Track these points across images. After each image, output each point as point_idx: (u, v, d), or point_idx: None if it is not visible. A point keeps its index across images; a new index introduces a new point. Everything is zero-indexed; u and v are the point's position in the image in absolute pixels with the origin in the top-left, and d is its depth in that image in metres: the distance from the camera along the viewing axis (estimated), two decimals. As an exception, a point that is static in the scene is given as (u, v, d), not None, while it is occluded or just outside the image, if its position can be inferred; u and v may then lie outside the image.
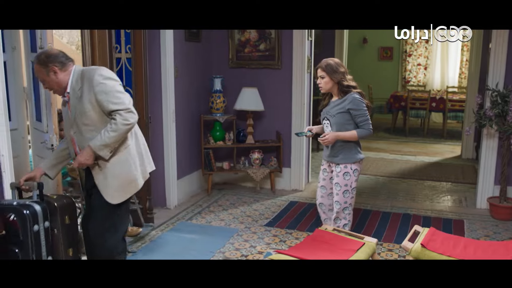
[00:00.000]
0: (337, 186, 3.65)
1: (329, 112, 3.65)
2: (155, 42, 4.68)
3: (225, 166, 5.69)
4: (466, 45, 10.23)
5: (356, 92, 3.60)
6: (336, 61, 3.64)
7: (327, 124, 3.68)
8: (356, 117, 3.56)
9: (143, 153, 3.00)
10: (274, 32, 5.52)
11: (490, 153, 5.05)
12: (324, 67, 3.60)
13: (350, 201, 3.67)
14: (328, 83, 3.61)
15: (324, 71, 3.60)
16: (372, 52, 11.51)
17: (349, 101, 3.55)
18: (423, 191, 5.82)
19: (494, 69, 4.89)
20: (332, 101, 3.69)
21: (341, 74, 3.58)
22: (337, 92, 3.64)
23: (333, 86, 3.63)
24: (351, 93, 3.58)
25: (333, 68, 3.57)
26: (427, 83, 11.29)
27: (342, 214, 3.69)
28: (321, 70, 3.62)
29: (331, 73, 3.57)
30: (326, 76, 3.59)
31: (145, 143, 3.06)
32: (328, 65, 3.59)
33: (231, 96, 5.57)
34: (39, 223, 2.72)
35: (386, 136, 9.60)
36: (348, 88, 3.59)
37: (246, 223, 4.66)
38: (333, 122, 3.61)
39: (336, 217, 3.71)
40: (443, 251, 2.99)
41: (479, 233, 4.46)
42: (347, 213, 3.69)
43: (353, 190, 3.67)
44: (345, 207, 3.67)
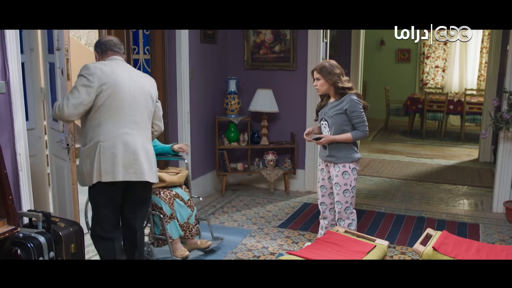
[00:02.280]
0: (337, 186, 3.66)
1: (327, 113, 3.67)
2: (171, 44, 4.73)
3: (239, 167, 5.71)
4: (485, 47, 10.10)
5: (354, 93, 3.61)
6: (332, 63, 3.66)
7: (325, 125, 3.70)
8: (353, 118, 3.57)
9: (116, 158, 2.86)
10: (289, 33, 5.53)
11: (507, 156, 4.99)
12: (319, 69, 3.63)
13: (351, 200, 3.68)
14: (323, 85, 3.63)
15: (319, 73, 3.63)
16: (389, 54, 11.44)
17: (347, 102, 3.56)
18: (439, 194, 5.77)
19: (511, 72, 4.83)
20: (329, 102, 3.71)
21: (336, 76, 3.59)
22: (333, 93, 3.66)
23: (329, 88, 3.64)
24: (348, 95, 3.59)
25: (327, 70, 3.59)
26: (445, 86, 11.17)
27: (345, 214, 3.69)
28: (316, 73, 3.65)
29: (325, 75, 3.59)
30: (321, 78, 3.62)
31: (134, 153, 2.91)
32: (323, 67, 3.62)
33: (246, 98, 5.59)
34: (43, 255, 2.78)
35: (402, 138, 9.52)
36: (344, 89, 3.60)
37: (259, 224, 4.68)
38: (331, 123, 3.63)
39: (339, 218, 3.72)
40: (455, 254, 2.97)
41: (495, 238, 4.41)
42: (349, 213, 3.69)
43: (353, 189, 3.68)
44: (346, 206, 3.67)
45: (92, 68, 2.82)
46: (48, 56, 3.62)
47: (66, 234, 2.98)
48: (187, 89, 4.91)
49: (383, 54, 11.42)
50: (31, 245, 2.74)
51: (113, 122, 2.86)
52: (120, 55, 3.05)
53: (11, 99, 3.01)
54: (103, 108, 2.83)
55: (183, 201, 3.89)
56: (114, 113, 2.86)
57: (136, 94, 2.94)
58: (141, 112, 2.97)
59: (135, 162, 2.91)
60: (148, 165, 2.99)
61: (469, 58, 10.85)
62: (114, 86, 2.84)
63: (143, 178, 2.96)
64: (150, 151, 3.06)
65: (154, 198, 3.72)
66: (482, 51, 10.57)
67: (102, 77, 2.82)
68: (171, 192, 3.85)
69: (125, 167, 2.88)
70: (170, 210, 3.76)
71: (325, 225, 3.90)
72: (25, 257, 2.71)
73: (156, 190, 3.75)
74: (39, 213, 2.98)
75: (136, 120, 2.94)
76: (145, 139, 3.01)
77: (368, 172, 6.76)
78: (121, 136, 2.87)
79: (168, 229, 3.72)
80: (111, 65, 2.92)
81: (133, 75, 2.99)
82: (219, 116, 5.56)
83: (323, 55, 5.58)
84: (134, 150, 2.91)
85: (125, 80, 2.90)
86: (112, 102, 2.84)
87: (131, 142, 2.90)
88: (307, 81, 5.53)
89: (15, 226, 2.66)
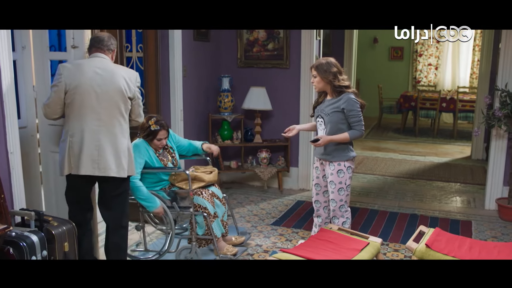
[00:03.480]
0: (332, 184, 3.66)
1: (324, 111, 3.66)
2: (164, 42, 4.71)
3: (233, 165, 5.71)
4: (478, 45, 10.14)
5: (351, 92, 3.60)
6: (330, 60, 3.63)
7: (321, 122, 3.69)
8: (350, 117, 3.57)
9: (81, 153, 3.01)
10: (282, 31, 5.53)
11: (499, 153, 5.02)
12: (316, 66, 3.63)
13: (345, 199, 3.68)
14: (320, 82, 3.63)
15: (316, 70, 3.62)
16: (382, 52, 11.47)
17: (344, 101, 3.55)
18: (432, 192, 5.80)
19: (504, 70, 4.85)
20: (326, 99, 3.70)
21: (332, 74, 3.57)
22: (330, 91, 3.65)
23: (325, 85, 3.64)
24: (346, 93, 3.58)
25: (324, 68, 3.58)
26: (437, 83, 11.22)
27: (339, 212, 3.69)
28: (313, 70, 3.65)
29: (322, 72, 3.58)
30: (317, 76, 3.62)
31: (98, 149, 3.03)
32: (320, 65, 3.61)
33: (239, 96, 5.59)
34: (36, 254, 2.76)
35: (395, 136, 9.56)
36: (341, 88, 3.59)
37: (252, 222, 4.68)
38: (327, 120, 3.62)
39: (334, 216, 3.73)
40: (448, 251, 2.98)
41: (487, 234, 4.44)
42: (344, 211, 3.70)
43: (347, 188, 3.68)
44: (341, 204, 3.68)
45: (60, 68, 3.02)
46: (49, 53, 3.63)
47: (59, 232, 2.96)
48: (180, 87, 4.90)
49: (376, 52, 11.45)
50: (23, 244, 2.72)
51: (79, 119, 3.02)
52: (104, 52, 3.15)
53: (2, 97, 2.99)
54: (71, 106, 3.02)
55: (218, 199, 3.95)
56: (79, 111, 3.01)
57: (103, 93, 3.03)
58: (108, 109, 3.06)
59: (99, 158, 3.03)
60: (114, 160, 3.08)
61: (462, 56, 10.90)
62: (78, 85, 2.99)
63: (107, 173, 3.06)
64: (121, 146, 3.11)
65: (197, 199, 3.73)
66: (474, 49, 10.62)
67: (68, 76, 2.99)
68: (208, 191, 3.87)
69: (89, 162, 3.02)
70: (213, 209, 3.80)
71: (318, 223, 3.90)
72: (17, 256, 2.69)
73: (197, 190, 3.78)
74: (32, 211, 2.96)
75: (101, 117, 3.04)
76: (113, 135, 3.08)
77: (362, 170, 6.78)
78: (86, 132, 3.02)
79: (214, 228, 3.74)
80: (81, 63, 3.09)
81: (105, 73, 3.06)
82: (212, 114, 5.55)
83: (316, 53, 5.58)
84: (98, 146, 3.03)
85: (92, 79, 3.01)
86: (76, 100, 3.00)
87: (95, 138, 3.02)
88: (300, 79, 5.53)
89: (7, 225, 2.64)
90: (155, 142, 3.72)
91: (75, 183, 3.16)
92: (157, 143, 3.73)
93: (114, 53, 3.26)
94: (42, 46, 3.63)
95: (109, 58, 3.19)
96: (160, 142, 3.73)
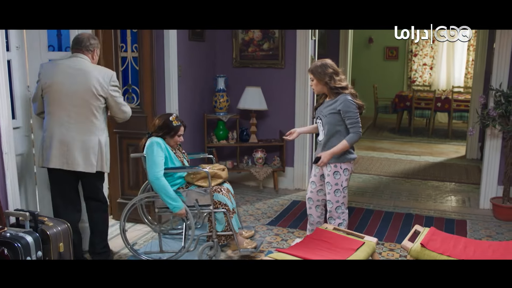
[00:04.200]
0: (328, 185, 3.68)
1: (322, 112, 3.67)
2: (159, 41, 4.70)
3: (228, 165, 5.71)
4: (472, 45, 10.18)
5: (348, 93, 3.61)
6: (325, 62, 3.64)
7: (320, 123, 3.72)
8: (346, 118, 3.57)
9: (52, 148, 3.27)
10: (277, 31, 5.53)
11: (494, 153, 5.04)
12: (311, 70, 3.66)
13: (342, 200, 3.69)
14: (317, 85, 3.66)
15: (312, 73, 3.65)
16: (377, 51, 11.49)
17: (340, 102, 3.57)
18: (427, 191, 5.81)
19: (498, 69, 4.88)
20: (326, 101, 3.72)
21: (327, 76, 3.59)
22: (328, 92, 3.67)
23: (323, 87, 3.66)
24: (343, 94, 3.59)
25: (318, 70, 3.61)
26: (432, 83, 11.25)
27: (336, 214, 3.71)
28: (310, 73, 3.68)
29: (317, 75, 3.61)
30: (314, 79, 3.64)
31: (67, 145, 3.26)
32: (315, 67, 3.64)
33: (234, 95, 5.59)
34: (31, 255, 2.75)
35: (391, 136, 9.58)
36: (337, 89, 3.60)
37: (248, 222, 4.68)
38: (325, 122, 3.64)
39: (330, 217, 3.74)
40: (443, 251, 2.99)
41: (482, 234, 4.46)
42: (340, 212, 3.71)
43: (344, 189, 3.69)
44: (337, 206, 3.69)
45: (40, 68, 3.31)
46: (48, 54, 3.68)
47: (54, 233, 2.96)
48: (175, 87, 4.89)
49: (371, 52, 11.47)
50: (18, 244, 2.71)
51: (52, 115, 3.27)
52: (83, 52, 3.36)
53: (-3, 97, 2.98)
54: (46, 102, 3.29)
55: (232, 194, 3.99)
56: (52, 108, 3.26)
57: (73, 92, 3.25)
58: (79, 107, 3.27)
59: (68, 153, 3.27)
60: (82, 156, 3.30)
61: (456, 56, 10.95)
62: (51, 83, 3.24)
63: (75, 168, 3.30)
64: (90, 143, 3.32)
65: (217, 196, 3.76)
66: (469, 49, 10.67)
67: (45, 75, 3.27)
68: (224, 187, 3.91)
69: (58, 156, 3.26)
70: (232, 205, 3.85)
71: (311, 221, 3.93)
72: (12, 256, 2.68)
73: (217, 188, 3.80)
74: (26, 212, 2.95)
75: (71, 114, 3.26)
76: (82, 132, 3.29)
77: (357, 170, 6.79)
78: (57, 128, 3.25)
79: (232, 224, 3.77)
80: (58, 63, 3.32)
81: (78, 72, 3.28)
82: (207, 114, 5.54)
83: (311, 53, 5.59)
84: (67, 142, 3.26)
85: (64, 78, 3.25)
86: (49, 97, 3.26)
87: (65, 134, 3.25)
88: (295, 78, 5.54)
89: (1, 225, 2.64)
90: (176, 138, 3.78)
91: (54, 175, 3.38)
92: (177, 139, 3.79)
93: (94, 53, 3.44)
94: (40, 46, 3.63)
95: (89, 58, 3.38)
96: (179, 138, 3.81)
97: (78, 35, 3.41)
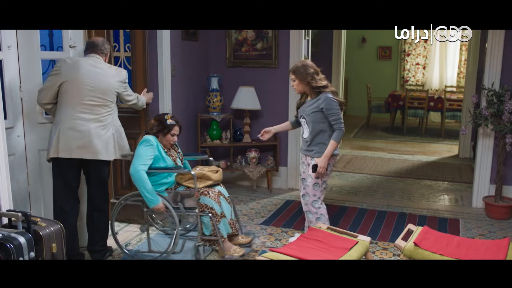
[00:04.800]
0: (309, 177, 3.81)
1: (305, 111, 3.79)
2: (152, 41, 4.69)
3: (222, 165, 5.70)
4: (465, 45, 10.22)
5: (329, 92, 3.72)
6: (305, 63, 3.78)
7: (304, 122, 3.84)
8: (329, 116, 3.69)
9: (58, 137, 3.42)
10: (271, 31, 5.53)
11: (486, 152, 5.07)
12: (293, 70, 3.78)
13: (319, 195, 3.80)
14: (299, 85, 3.77)
15: (293, 74, 3.77)
16: (371, 51, 11.52)
17: (323, 101, 3.68)
18: (420, 190, 5.84)
19: (490, 69, 4.90)
20: (307, 100, 3.83)
21: (309, 75, 3.70)
22: (310, 92, 3.78)
23: (304, 87, 3.78)
24: (324, 93, 3.70)
25: (300, 71, 3.72)
26: (425, 83, 11.30)
27: (313, 208, 3.83)
28: (291, 74, 3.79)
29: (299, 75, 3.73)
30: (296, 79, 3.76)
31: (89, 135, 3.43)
32: (296, 68, 3.76)
33: (228, 95, 5.58)
34: (23, 255, 2.73)
35: (384, 135, 9.61)
36: (319, 88, 3.71)
37: (242, 222, 4.67)
38: (309, 120, 3.76)
39: (308, 210, 3.86)
40: (436, 249, 3.00)
41: (474, 232, 4.48)
42: (317, 207, 3.82)
43: (323, 184, 3.80)
44: (313, 200, 3.80)
45: (60, 62, 3.47)
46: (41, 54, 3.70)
47: (46, 233, 2.93)
48: (168, 86, 4.87)
49: (364, 52, 11.50)
50: (10, 245, 2.68)
51: (70, 109, 3.42)
52: (98, 54, 3.60)
53: (-12, 97, 2.97)
54: (62, 97, 3.43)
55: (225, 198, 3.92)
56: (70, 102, 3.42)
57: (95, 87, 3.46)
58: (97, 101, 3.48)
59: (89, 143, 3.44)
60: (102, 146, 3.49)
61: (449, 56, 11.00)
62: (73, 80, 3.41)
63: (97, 157, 3.48)
64: (106, 134, 3.52)
65: (204, 199, 3.71)
66: (461, 48, 10.72)
67: (67, 69, 3.42)
68: (215, 190, 3.85)
69: (80, 147, 3.42)
70: (220, 209, 3.78)
71: (309, 219, 3.94)
72: (4, 257, 2.66)
73: (204, 190, 3.76)
74: (19, 213, 2.93)
75: (88, 109, 3.45)
76: (99, 123, 3.49)
77: (350, 169, 6.81)
78: (77, 119, 3.42)
79: (220, 229, 3.72)
80: (78, 60, 3.51)
81: (99, 70, 3.52)
82: (201, 114, 5.54)
83: (305, 53, 5.59)
84: (88, 132, 3.43)
85: (85, 76, 3.44)
86: (68, 92, 3.42)
87: (85, 125, 3.43)
88: (289, 78, 5.52)
89: (-6, 226, 2.62)
90: (168, 137, 3.76)
91: (62, 167, 3.50)
92: (170, 138, 3.77)
93: (107, 57, 3.69)
94: (32, 46, 3.62)
95: (103, 60, 3.62)
96: (173, 137, 3.79)
97: (93, 39, 3.66)
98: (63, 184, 3.54)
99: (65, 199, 3.56)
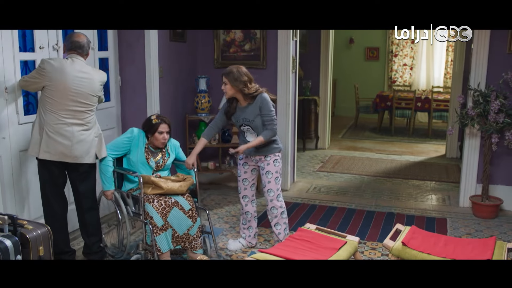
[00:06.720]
0: (269, 174, 3.85)
1: (246, 119, 3.79)
2: (139, 42, 4.68)
3: (210, 166, 5.69)
4: (451, 45, 10.31)
5: (264, 91, 3.76)
6: (241, 70, 3.74)
7: (248, 128, 3.84)
8: (263, 116, 3.73)
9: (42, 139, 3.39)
10: (259, 32, 5.53)
11: (473, 152, 5.12)
12: (226, 74, 3.75)
13: (280, 188, 3.92)
14: (231, 89, 3.75)
15: (226, 78, 3.74)
16: (358, 52, 11.57)
17: (259, 101, 3.72)
18: (408, 190, 5.87)
19: (476, 69, 4.95)
20: (241, 106, 3.82)
21: (242, 83, 3.70)
22: (242, 98, 3.77)
23: (236, 93, 3.76)
24: (260, 94, 3.73)
25: (234, 76, 3.70)
26: (412, 83, 11.38)
27: (278, 203, 3.88)
28: (224, 77, 3.75)
29: (232, 81, 3.71)
30: (228, 83, 3.73)
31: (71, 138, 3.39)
32: (230, 73, 3.72)
33: (216, 96, 5.57)
34: (10, 259, 2.70)
35: (372, 135, 9.65)
36: (251, 94, 3.72)
37: (231, 223, 4.67)
38: (254, 126, 3.79)
39: (272, 206, 3.89)
40: (424, 249, 3.02)
41: (461, 231, 4.52)
42: (281, 201, 3.90)
43: (280, 176, 3.93)
44: (278, 194, 3.89)
45: (45, 63, 3.36)
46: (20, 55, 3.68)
47: (33, 236, 2.90)
48: (156, 88, 4.86)
49: (352, 52, 11.55)
50: (-4, 249, 2.66)
51: (56, 111, 3.36)
52: (82, 56, 3.52)
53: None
54: (49, 98, 3.36)
55: (183, 210, 3.63)
56: (53, 105, 3.36)
57: (79, 93, 3.40)
58: (81, 105, 3.43)
59: (72, 148, 3.42)
60: (85, 150, 3.48)
61: (436, 56, 11.09)
62: (60, 84, 3.34)
63: (79, 161, 3.47)
64: (89, 137, 3.50)
65: (147, 207, 3.52)
66: (448, 49, 10.80)
67: (52, 73, 3.34)
68: (170, 200, 3.60)
69: (62, 150, 3.40)
70: (161, 221, 3.52)
71: (248, 218, 4.05)
72: (-10, 261, 2.63)
73: (150, 197, 3.58)
74: (5, 216, 2.90)
75: (71, 112, 3.40)
76: (82, 127, 3.47)
77: (339, 169, 6.83)
78: (60, 124, 3.38)
79: (157, 241, 3.51)
80: (63, 64, 3.40)
81: (85, 75, 3.46)
82: (189, 115, 5.52)
83: (293, 53, 5.60)
84: (72, 136, 3.40)
85: (71, 80, 3.37)
86: (54, 94, 3.35)
87: (69, 130, 3.40)
88: (277, 79, 5.54)
89: (-21, 230, 2.58)
90: (157, 135, 3.72)
91: (46, 166, 3.48)
92: (158, 137, 3.72)
93: (87, 57, 3.64)
94: (13, 46, 3.58)
95: (84, 61, 3.55)
96: (161, 135, 3.73)
97: (78, 38, 3.49)
98: (49, 180, 3.53)
99: (53, 195, 3.54)
